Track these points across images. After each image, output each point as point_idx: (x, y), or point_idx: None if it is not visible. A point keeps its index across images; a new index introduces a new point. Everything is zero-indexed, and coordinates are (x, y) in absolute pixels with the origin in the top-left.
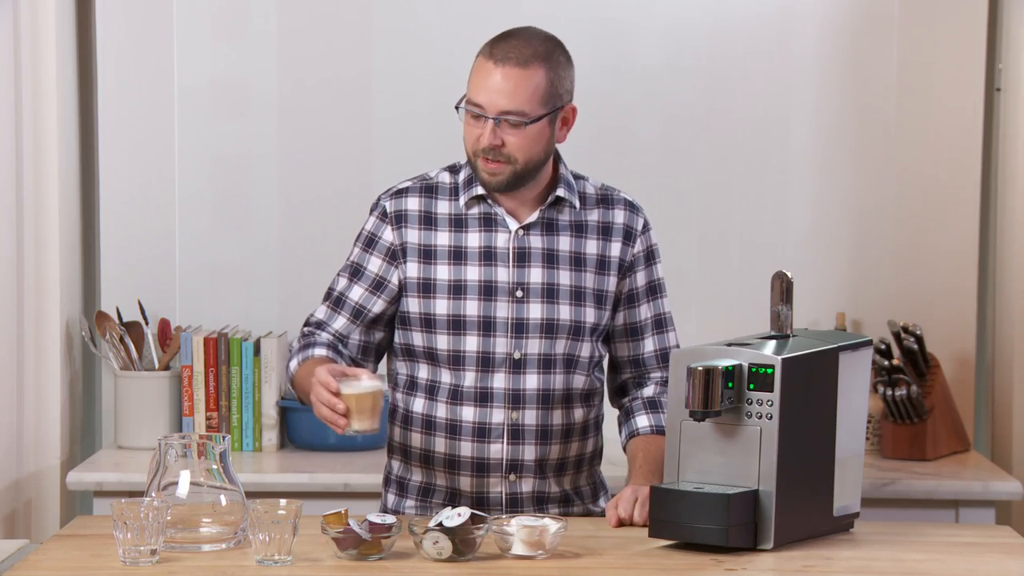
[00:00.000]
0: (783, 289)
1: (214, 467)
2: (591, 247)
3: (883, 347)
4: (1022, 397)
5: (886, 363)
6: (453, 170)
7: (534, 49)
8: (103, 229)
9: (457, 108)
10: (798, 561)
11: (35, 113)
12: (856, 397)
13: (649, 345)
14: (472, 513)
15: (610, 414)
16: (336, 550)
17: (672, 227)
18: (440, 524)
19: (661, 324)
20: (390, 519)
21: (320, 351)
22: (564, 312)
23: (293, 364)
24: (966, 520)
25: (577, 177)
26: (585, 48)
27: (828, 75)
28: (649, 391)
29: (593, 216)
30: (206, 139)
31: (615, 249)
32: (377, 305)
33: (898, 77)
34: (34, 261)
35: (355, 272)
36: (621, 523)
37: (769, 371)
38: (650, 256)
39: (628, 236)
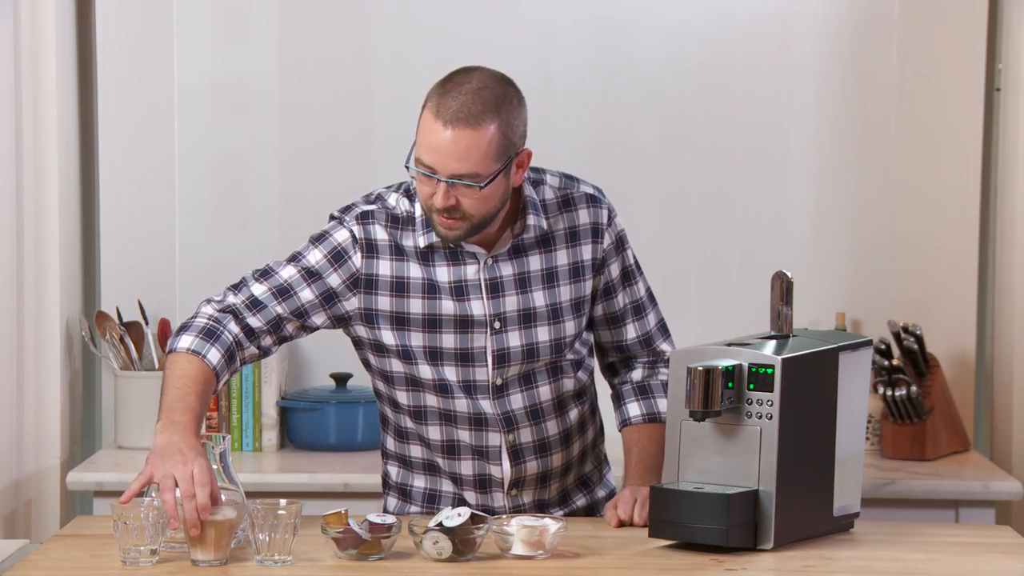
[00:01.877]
0: (783, 289)
1: (214, 467)
2: (561, 258)
3: (883, 347)
4: (1022, 397)
5: (886, 363)
6: (408, 195)
7: (484, 103)
8: (103, 229)
9: (407, 167)
10: (798, 561)
11: (35, 113)
12: (856, 397)
13: (631, 331)
14: (472, 513)
15: (603, 390)
16: (336, 550)
17: (672, 228)
18: (440, 524)
19: (640, 309)
20: (390, 519)
21: (215, 356)
22: (543, 334)
23: (182, 343)
24: (966, 520)
25: (536, 183)
26: (585, 48)
27: (828, 75)
28: (638, 374)
29: (558, 225)
30: (206, 139)
31: (586, 252)
32: (319, 318)
33: (898, 77)
34: (34, 261)
35: (311, 274)
36: (621, 524)
37: (769, 371)
38: (620, 244)
39: (596, 234)
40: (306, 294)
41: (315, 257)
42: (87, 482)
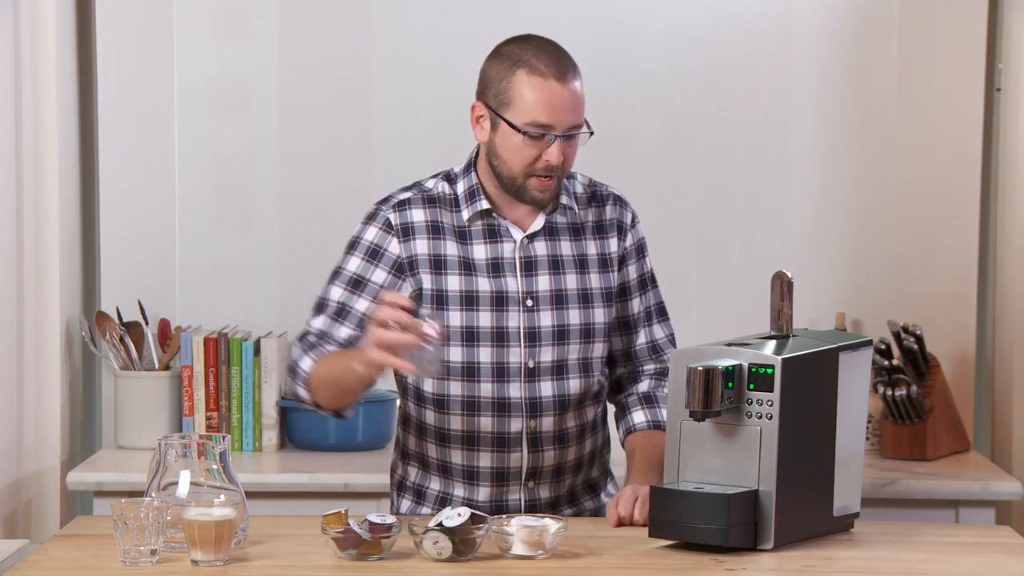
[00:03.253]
0: (783, 289)
1: (214, 467)
2: (591, 248)
3: (883, 347)
4: (1022, 397)
5: (886, 363)
6: (449, 179)
7: (571, 60)
8: (103, 229)
9: (503, 120)
10: (798, 561)
11: (35, 113)
12: (856, 397)
13: (641, 338)
14: (472, 513)
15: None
16: (336, 550)
17: (672, 227)
18: (440, 524)
19: (650, 316)
20: (390, 519)
21: (334, 348)
22: (574, 316)
23: (306, 363)
24: (966, 520)
25: (567, 177)
26: (586, 49)
27: (828, 75)
28: (644, 386)
29: (587, 217)
30: (206, 139)
31: (612, 245)
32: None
33: (898, 77)
34: (34, 261)
35: (356, 284)
36: (621, 523)
37: (769, 371)
38: (640, 249)
39: (620, 231)
40: (360, 304)
41: (354, 264)
42: (87, 482)
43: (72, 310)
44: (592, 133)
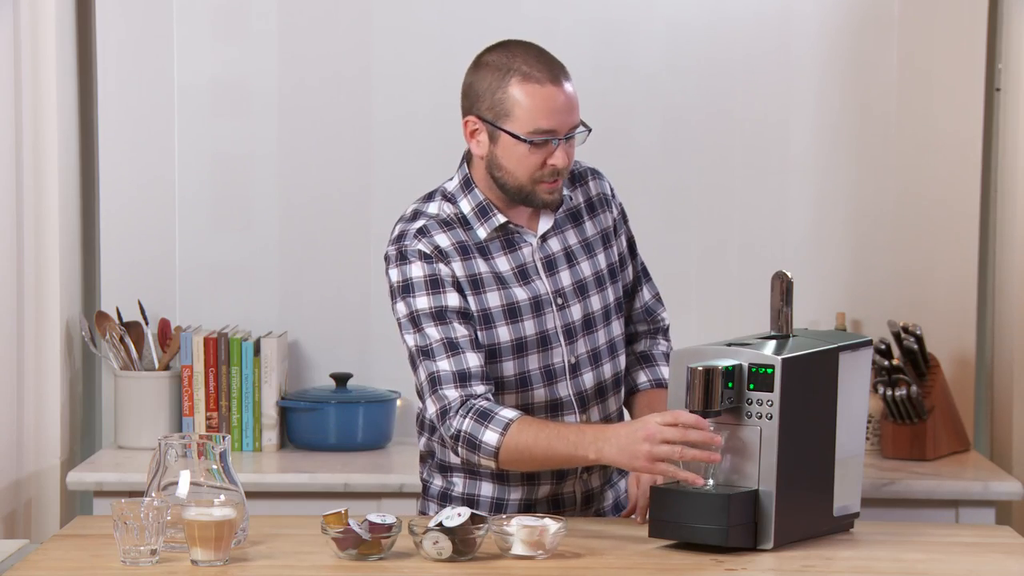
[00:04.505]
0: (783, 289)
1: (214, 467)
2: (590, 229)
3: (883, 347)
4: (1022, 397)
5: (886, 363)
6: (447, 198)
7: (556, 58)
8: (103, 229)
9: (525, 140)
10: (798, 561)
11: (35, 113)
12: (856, 397)
13: (636, 302)
14: (472, 513)
15: None
16: (336, 550)
17: (672, 228)
18: (440, 524)
19: (639, 280)
20: (390, 519)
21: (512, 412)
22: (596, 303)
23: (490, 437)
24: (966, 520)
25: None
26: (585, 49)
27: (828, 75)
28: (640, 346)
29: (578, 199)
30: (206, 139)
31: (607, 220)
32: (476, 333)
33: (898, 77)
34: (34, 261)
35: (440, 315)
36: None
37: (769, 371)
38: (624, 216)
39: (606, 203)
40: (460, 331)
41: (423, 303)
42: (87, 482)
43: (72, 310)
44: (590, 130)
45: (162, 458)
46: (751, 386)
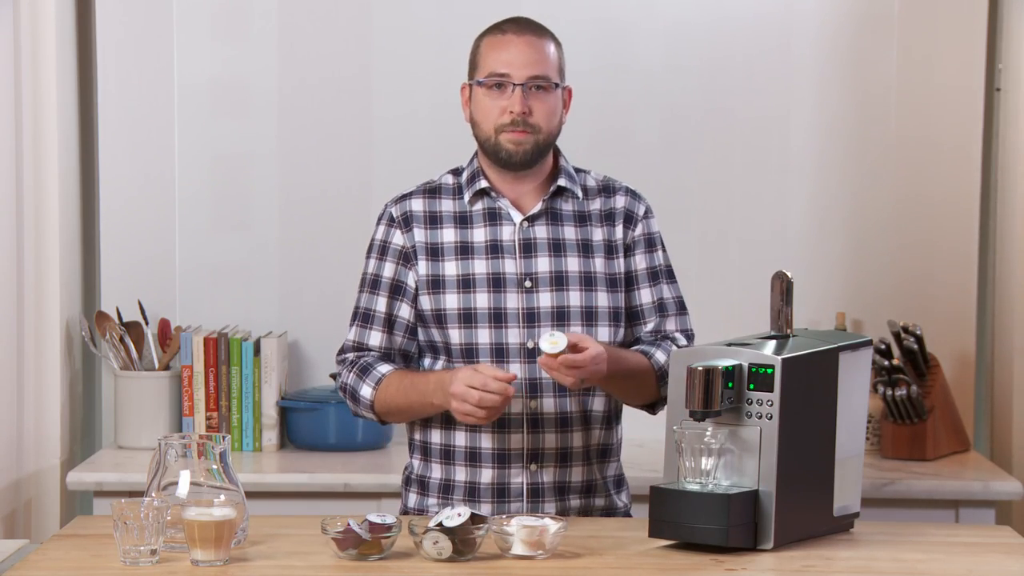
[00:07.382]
0: (783, 289)
1: (214, 467)
2: (597, 235)
3: (883, 347)
4: (1022, 397)
5: (886, 363)
6: (456, 172)
7: (540, 26)
8: (103, 229)
9: (474, 84)
10: (798, 561)
11: (35, 113)
12: (856, 397)
13: (649, 327)
14: (472, 513)
15: (630, 410)
16: (336, 550)
17: (672, 227)
18: (440, 524)
19: (664, 309)
20: (390, 519)
21: (386, 367)
22: (574, 299)
23: (366, 391)
24: (966, 520)
25: (579, 171)
26: (585, 48)
27: (828, 75)
28: (643, 346)
29: (596, 205)
30: (206, 139)
31: (618, 232)
32: (403, 310)
33: (898, 77)
34: (34, 261)
35: (374, 284)
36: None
37: (769, 371)
38: (651, 242)
39: (629, 220)
40: (381, 304)
41: (371, 266)
42: (87, 482)
43: (72, 310)
44: (560, 86)
45: (162, 458)
46: (751, 386)
